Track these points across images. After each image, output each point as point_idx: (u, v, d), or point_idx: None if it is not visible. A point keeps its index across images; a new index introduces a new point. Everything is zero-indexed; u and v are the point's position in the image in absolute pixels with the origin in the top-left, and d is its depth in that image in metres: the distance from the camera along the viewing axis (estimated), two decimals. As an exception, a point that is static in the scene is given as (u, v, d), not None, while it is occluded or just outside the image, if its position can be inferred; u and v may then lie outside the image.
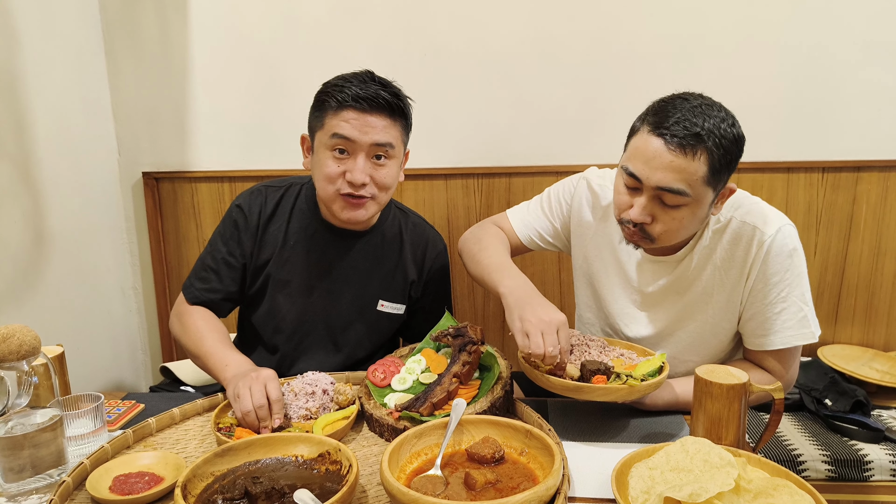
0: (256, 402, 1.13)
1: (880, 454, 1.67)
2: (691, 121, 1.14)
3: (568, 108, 2.11)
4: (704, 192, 1.19)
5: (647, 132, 1.19)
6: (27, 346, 0.96)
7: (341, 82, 1.35)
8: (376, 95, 1.32)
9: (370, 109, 1.32)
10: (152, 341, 2.37)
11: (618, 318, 1.44)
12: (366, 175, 1.34)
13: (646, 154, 1.18)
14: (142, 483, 0.98)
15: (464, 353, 1.24)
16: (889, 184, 2.07)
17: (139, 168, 2.22)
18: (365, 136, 1.32)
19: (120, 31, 2.13)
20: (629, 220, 1.24)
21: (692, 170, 1.15)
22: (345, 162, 1.34)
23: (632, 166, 1.20)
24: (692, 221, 1.23)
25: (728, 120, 1.17)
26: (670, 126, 1.15)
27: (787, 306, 1.28)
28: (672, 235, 1.25)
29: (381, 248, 1.51)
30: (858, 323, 2.17)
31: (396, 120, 1.37)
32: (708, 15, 2.02)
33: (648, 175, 1.18)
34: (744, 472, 0.94)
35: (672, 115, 1.16)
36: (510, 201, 2.18)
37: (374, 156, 1.35)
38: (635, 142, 1.22)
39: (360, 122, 1.32)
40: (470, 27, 2.08)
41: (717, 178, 1.18)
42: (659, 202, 1.20)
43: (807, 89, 2.05)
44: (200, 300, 1.45)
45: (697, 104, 1.17)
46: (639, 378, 1.17)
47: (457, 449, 1.05)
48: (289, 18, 2.10)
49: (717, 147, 1.15)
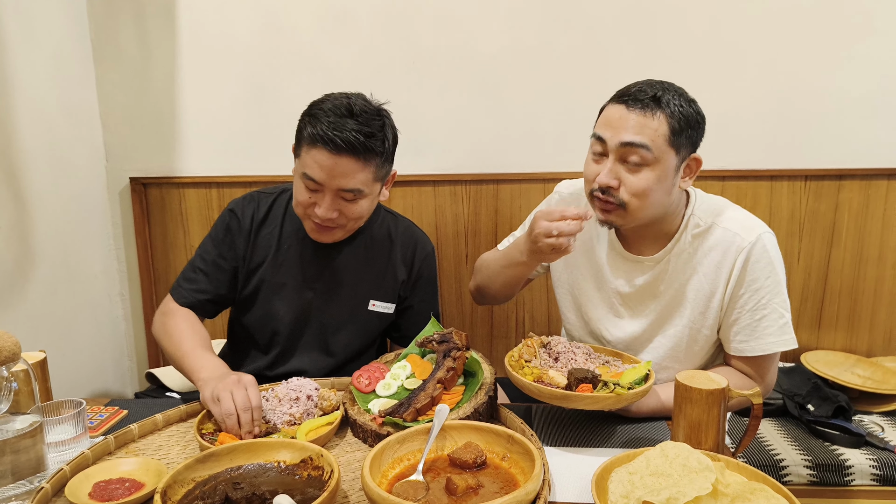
0: (240, 405, 1.13)
1: (861, 459, 1.69)
2: (651, 88, 1.26)
3: (554, 115, 2.13)
4: (666, 152, 1.25)
5: (611, 104, 1.30)
6: (6, 352, 0.95)
7: (318, 113, 1.33)
8: (346, 140, 1.28)
9: (339, 152, 1.29)
10: (139, 348, 2.36)
11: (598, 322, 1.45)
12: (333, 211, 1.36)
13: (610, 119, 1.28)
14: (122, 489, 0.98)
15: (448, 358, 1.25)
16: (870, 192, 2.10)
17: (126, 174, 2.22)
18: (332, 180, 1.32)
19: (108, 37, 2.13)
20: (598, 186, 1.28)
21: (653, 126, 1.24)
22: (315, 195, 1.36)
23: (598, 131, 1.30)
24: (658, 186, 1.26)
25: (686, 97, 1.28)
26: (632, 92, 1.27)
27: (768, 313, 1.30)
28: (641, 202, 1.27)
29: (371, 249, 1.53)
30: (841, 329, 2.19)
31: (369, 161, 1.33)
32: (691, 24, 2.05)
33: (612, 135, 1.26)
34: (721, 476, 0.95)
35: (633, 86, 1.28)
36: (498, 208, 2.19)
37: (342, 196, 1.36)
38: (602, 114, 1.32)
39: (329, 165, 1.31)
40: (456, 35, 2.09)
41: (677, 141, 1.25)
42: (623, 163, 1.27)
43: (790, 98, 2.08)
44: (188, 300, 1.47)
45: (659, 81, 1.29)
46: (626, 386, 1.17)
47: (439, 454, 1.05)
48: (276, 26, 2.11)
49: (675, 112, 1.24)
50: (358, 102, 1.34)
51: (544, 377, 1.22)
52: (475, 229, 2.22)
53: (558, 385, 1.18)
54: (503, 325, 2.30)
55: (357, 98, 1.36)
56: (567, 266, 1.50)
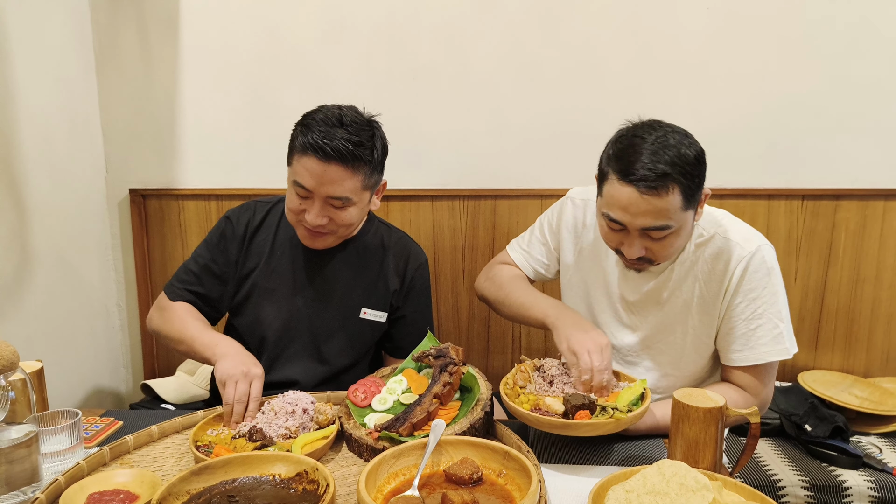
0: (237, 397, 1.22)
1: (859, 480, 1.68)
2: (653, 161, 1.19)
3: (552, 132, 2.15)
4: (685, 216, 1.25)
5: (616, 181, 1.23)
6: (4, 361, 0.95)
7: (310, 123, 1.37)
8: (335, 148, 1.32)
9: (328, 159, 1.33)
10: (135, 358, 2.35)
11: (604, 327, 1.48)
12: (323, 218, 1.39)
13: (621, 202, 1.23)
14: (116, 501, 0.97)
15: (445, 373, 1.25)
16: (867, 212, 2.11)
17: (126, 185, 2.23)
18: (321, 187, 1.36)
19: (110, 49, 2.15)
20: (631, 258, 1.30)
21: (668, 206, 1.21)
22: (305, 203, 1.40)
23: (613, 214, 1.26)
24: (683, 238, 1.31)
25: (684, 142, 1.22)
26: (636, 171, 1.19)
27: (763, 323, 1.31)
28: (668, 255, 1.32)
29: (364, 258, 1.55)
30: (838, 349, 2.20)
31: (357, 170, 1.36)
32: (688, 42, 2.07)
33: (630, 220, 1.24)
34: (719, 495, 0.94)
35: (635, 160, 1.20)
36: (496, 223, 2.20)
37: (330, 203, 1.39)
38: (608, 190, 1.26)
39: (318, 172, 1.34)
40: (455, 51, 2.12)
41: (692, 201, 1.25)
42: (647, 237, 1.27)
43: (787, 118, 2.10)
44: (181, 297, 1.51)
45: (653, 139, 1.21)
46: (624, 409, 1.17)
47: (435, 470, 1.05)
48: (276, 39, 2.13)
49: (683, 176, 1.20)
50: (349, 113, 1.39)
51: (541, 404, 1.22)
52: (473, 244, 2.23)
53: (556, 412, 1.19)
54: (500, 341, 2.30)
55: (348, 109, 1.40)
56: (579, 270, 1.52)
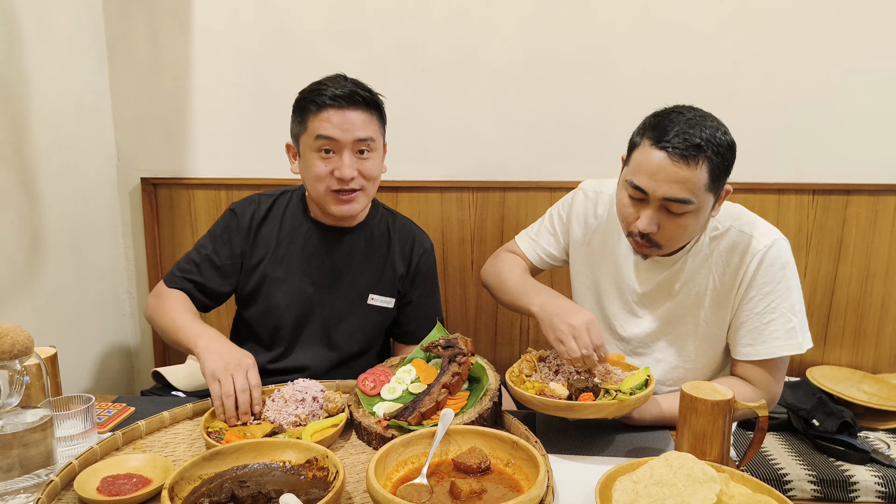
0: (239, 387, 1.20)
1: (866, 475, 1.68)
2: (689, 132, 1.20)
3: (561, 125, 2.14)
4: (706, 198, 1.25)
5: (648, 146, 1.24)
6: (20, 346, 0.97)
7: (317, 86, 1.44)
8: (352, 93, 1.40)
9: (348, 106, 1.40)
10: (145, 346, 2.37)
11: (614, 318, 1.48)
12: (353, 169, 1.42)
13: (650, 167, 1.23)
14: (129, 485, 0.99)
15: (453, 363, 1.25)
16: (878, 207, 2.10)
17: (137, 174, 2.24)
18: (347, 133, 1.40)
19: (122, 39, 2.16)
20: (637, 231, 1.28)
21: (695, 179, 1.21)
22: (331, 160, 1.43)
23: (637, 180, 1.25)
24: (695, 226, 1.29)
25: (721, 129, 1.24)
26: (671, 139, 1.21)
27: (776, 317, 1.31)
28: (676, 241, 1.31)
29: (370, 244, 1.57)
30: (847, 345, 2.19)
31: (373, 113, 1.45)
32: (700, 37, 2.06)
33: (654, 187, 1.23)
34: (726, 487, 0.95)
35: (671, 128, 1.22)
36: (504, 216, 2.20)
37: (357, 151, 1.43)
38: (637, 156, 1.26)
39: (341, 120, 1.40)
40: (464, 43, 2.11)
41: (717, 184, 1.25)
42: (665, 211, 1.25)
43: (798, 112, 2.08)
44: (178, 286, 1.52)
45: (692, 116, 1.24)
46: (627, 392, 1.18)
47: (443, 458, 1.05)
48: (286, 31, 2.13)
49: (715, 155, 1.21)
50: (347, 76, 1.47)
51: (546, 390, 1.22)
52: (481, 236, 2.23)
53: (560, 397, 1.19)
54: (507, 333, 2.31)
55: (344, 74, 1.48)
56: (588, 260, 1.52)
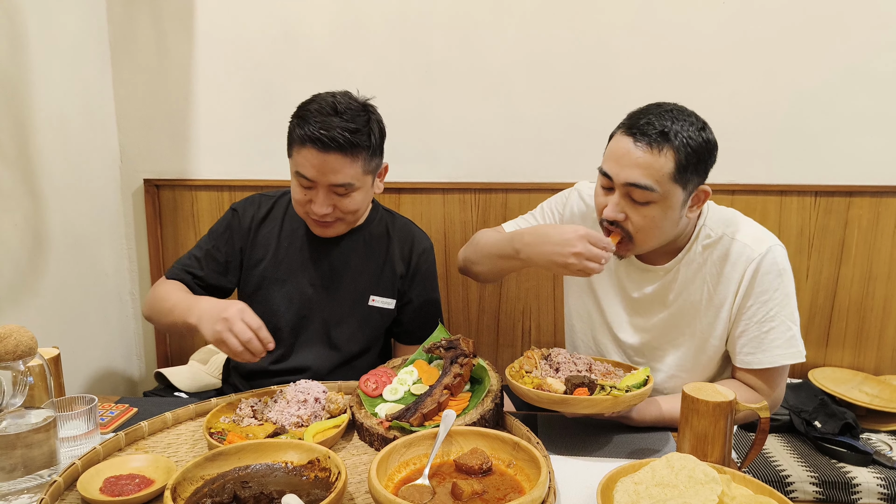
0: (244, 338, 1.20)
1: (868, 477, 1.68)
2: (660, 121, 1.22)
3: (564, 126, 2.14)
4: (672, 189, 1.23)
5: (619, 134, 1.27)
6: (24, 347, 0.97)
7: (306, 115, 1.38)
8: (332, 138, 1.34)
9: (327, 149, 1.35)
10: (147, 347, 2.37)
11: (611, 321, 1.47)
12: (328, 207, 1.41)
13: (617, 153, 1.26)
14: (132, 485, 0.99)
15: (455, 365, 1.26)
16: (880, 209, 2.10)
17: (140, 175, 2.25)
18: (323, 176, 1.38)
19: (125, 41, 2.17)
20: (604, 218, 1.29)
21: (658, 166, 1.21)
22: (310, 193, 1.42)
23: (605, 166, 1.28)
24: (664, 221, 1.27)
25: (697, 125, 1.24)
26: (640, 125, 1.23)
27: (776, 325, 1.30)
28: (647, 235, 1.29)
29: (370, 245, 1.57)
30: (849, 346, 2.19)
31: (357, 155, 1.38)
32: (702, 38, 2.06)
33: (618, 172, 1.25)
34: (728, 488, 0.95)
35: (643, 117, 1.24)
36: (506, 217, 2.20)
37: (335, 192, 1.41)
38: (610, 145, 1.29)
39: (318, 162, 1.37)
40: (468, 45, 2.11)
41: (684, 177, 1.23)
42: (629, 199, 1.26)
43: (800, 114, 2.08)
44: (178, 277, 1.53)
45: (669, 108, 1.25)
46: (623, 389, 1.18)
47: (445, 459, 1.06)
48: (290, 33, 2.14)
49: (683, 146, 1.21)
50: (343, 101, 1.40)
51: (544, 385, 1.22)
52: (484, 238, 2.23)
53: (557, 392, 1.19)
54: (509, 334, 2.31)
55: (342, 96, 1.41)
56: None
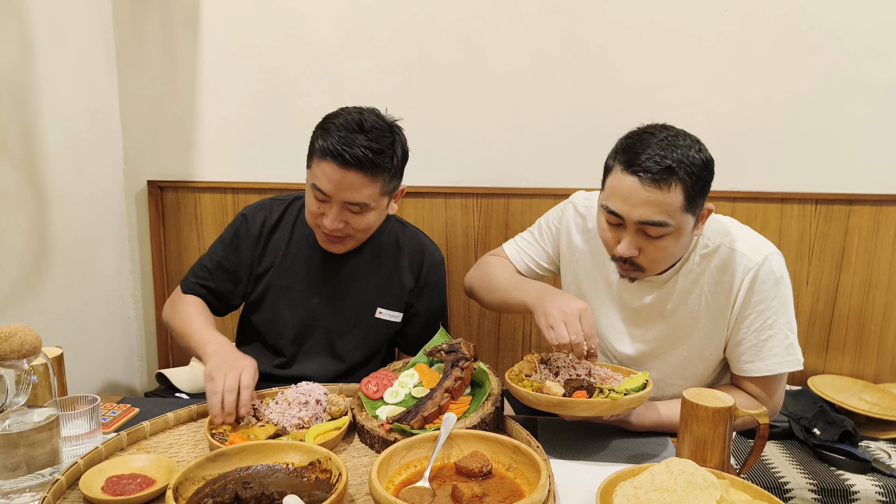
0: (227, 387, 1.19)
1: (867, 484, 1.68)
2: (661, 154, 1.19)
3: (566, 132, 2.15)
4: (684, 219, 1.24)
5: (619, 171, 1.24)
6: (28, 346, 0.98)
7: (330, 127, 1.35)
8: (354, 156, 1.31)
9: (347, 166, 1.32)
10: (149, 348, 2.38)
11: (606, 334, 1.47)
12: (340, 223, 1.39)
13: (622, 192, 1.23)
14: (134, 484, 0.99)
15: (456, 368, 1.26)
16: (880, 217, 2.10)
17: (144, 177, 2.26)
18: (339, 192, 1.35)
19: (131, 44, 2.18)
20: (620, 256, 1.29)
21: (669, 201, 1.20)
22: (323, 206, 1.40)
23: (611, 205, 1.25)
24: (676, 248, 1.28)
25: (694, 147, 1.23)
26: (642, 163, 1.20)
27: (774, 333, 1.31)
28: (659, 264, 1.30)
29: (379, 257, 1.56)
30: (849, 354, 2.19)
31: (377, 177, 1.36)
32: (703, 47, 2.07)
33: (629, 212, 1.23)
34: (726, 494, 0.95)
35: (641, 152, 1.21)
36: (508, 221, 2.21)
37: (349, 209, 1.39)
38: (611, 181, 1.26)
39: (337, 178, 1.34)
40: (471, 50, 2.12)
41: (693, 204, 1.23)
42: (643, 235, 1.25)
43: (801, 122, 2.09)
44: (194, 291, 1.55)
45: (664, 137, 1.22)
46: (621, 392, 1.18)
47: (445, 462, 1.06)
48: (295, 36, 2.15)
49: (688, 175, 1.20)
50: (370, 118, 1.36)
51: (543, 389, 1.23)
52: (485, 242, 2.24)
53: (555, 395, 1.19)
54: (510, 338, 2.31)
55: (370, 114, 1.38)
56: (577, 279, 1.51)
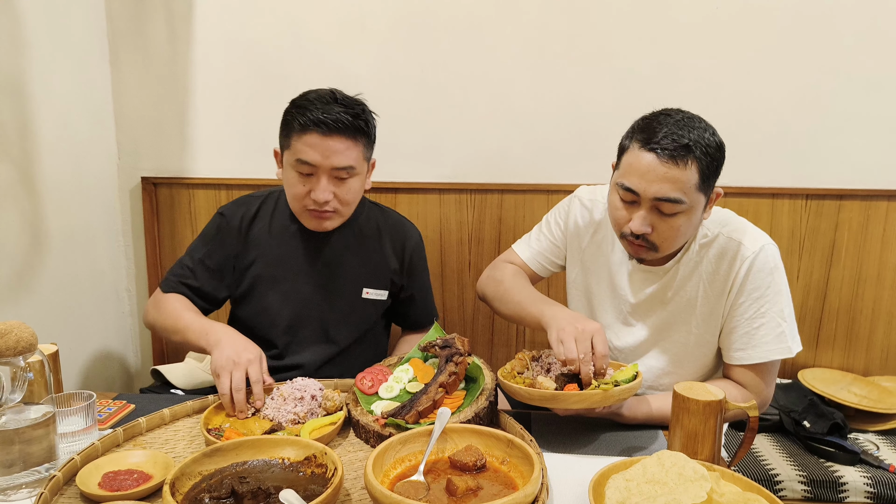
0: (235, 386, 1.21)
1: (855, 476, 1.70)
2: (678, 133, 1.22)
3: (561, 128, 2.16)
4: (697, 198, 1.26)
5: (637, 148, 1.26)
6: (24, 343, 0.98)
7: (305, 103, 1.41)
8: (336, 119, 1.38)
9: (330, 132, 1.38)
10: (144, 344, 2.38)
11: (607, 328, 1.49)
12: (329, 193, 1.43)
13: (640, 168, 1.25)
14: (130, 480, 1.00)
15: (450, 363, 1.27)
16: (870, 212, 2.12)
17: (138, 173, 2.25)
18: (326, 160, 1.40)
19: (125, 39, 2.17)
20: (630, 232, 1.30)
21: (685, 178, 1.22)
22: (309, 181, 1.43)
23: (628, 181, 1.27)
24: (688, 227, 1.30)
25: (709, 130, 1.27)
26: (660, 140, 1.23)
27: (766, 322, 1.33)
28: (672, 242, 1.31)
29: (360, 239, 1.59)
30: (839, 347, 2.21)
31: (358, 140, 1.42)
32: (695, 40, 2.08)
33: (645, 187, 1.24)
34: (717, 485, 0.97)
35: (659, 130, 1.24)
36: (502, 217, 2.22)
37: (336, 175, 1.43)
38: (627, 158, 1.28)
39: (321, 146, 1.39)
40: (466, 46, 2.13)
41: (707, 184, 1.26)
42: (657, 212, 1.27)
43: (792, 117, 2.10)
44: (176, 290, 1.54)
45: (680, 118, 1.26)
46: (611, 384, 1.20)
47: (440, 456, 1.07)
48: (291, 32, 2.15)
49: (704, 155, 1.23)
50: (339, 92, 1.45)
51: (535, 384, 1.24)
52: (479, 237, 2.25)
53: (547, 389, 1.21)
54: (503, 334, 2.33)
55: (336, 90, 1.46)
56: (584, 269, 1.54)
